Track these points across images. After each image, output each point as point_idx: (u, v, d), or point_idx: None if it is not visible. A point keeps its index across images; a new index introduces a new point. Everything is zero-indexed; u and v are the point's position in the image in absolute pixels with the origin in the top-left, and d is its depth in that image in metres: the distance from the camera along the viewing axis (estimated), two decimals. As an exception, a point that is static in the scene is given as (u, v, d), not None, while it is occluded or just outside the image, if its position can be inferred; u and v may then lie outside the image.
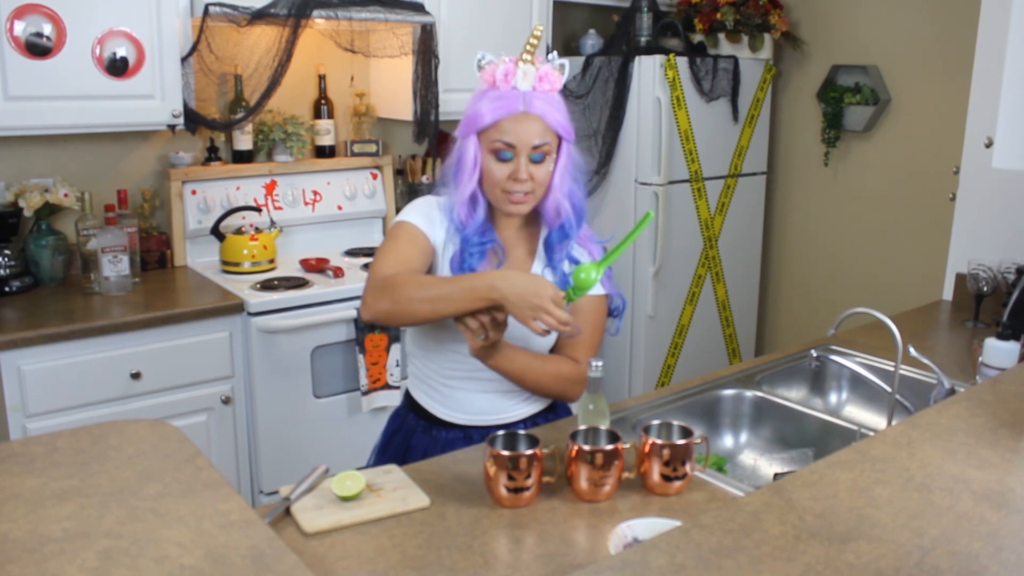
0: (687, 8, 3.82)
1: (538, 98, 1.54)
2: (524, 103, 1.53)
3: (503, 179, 1.56)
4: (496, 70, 1.54)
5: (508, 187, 1.56)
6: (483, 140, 1.56)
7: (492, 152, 1.55)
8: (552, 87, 1.56)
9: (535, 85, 1.54)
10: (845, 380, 2.18)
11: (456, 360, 1.65)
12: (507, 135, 1.53)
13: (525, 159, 1.54)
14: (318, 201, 3.19)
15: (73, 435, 1.25)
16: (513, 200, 1.58)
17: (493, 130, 1.54)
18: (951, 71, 3.29)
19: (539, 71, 1.54)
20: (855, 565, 0.97)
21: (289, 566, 0.96)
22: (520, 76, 1.53)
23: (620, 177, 3.48)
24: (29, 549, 0.96)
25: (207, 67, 2.76)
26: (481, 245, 1.60)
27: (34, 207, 2.57)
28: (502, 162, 1.55)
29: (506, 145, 1.54)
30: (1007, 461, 1.25)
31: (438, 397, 1.70)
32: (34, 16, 2.39)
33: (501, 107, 1.53)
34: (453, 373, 1.67)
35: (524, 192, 1.57)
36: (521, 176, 1.55)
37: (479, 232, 1.61)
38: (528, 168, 1.55)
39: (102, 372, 2.36)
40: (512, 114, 1.53)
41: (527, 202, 1.59)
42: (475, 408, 1.68)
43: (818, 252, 3.93)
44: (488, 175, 1.57)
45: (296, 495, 1.37)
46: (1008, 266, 2.39)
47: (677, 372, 3.69)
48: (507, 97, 1.53)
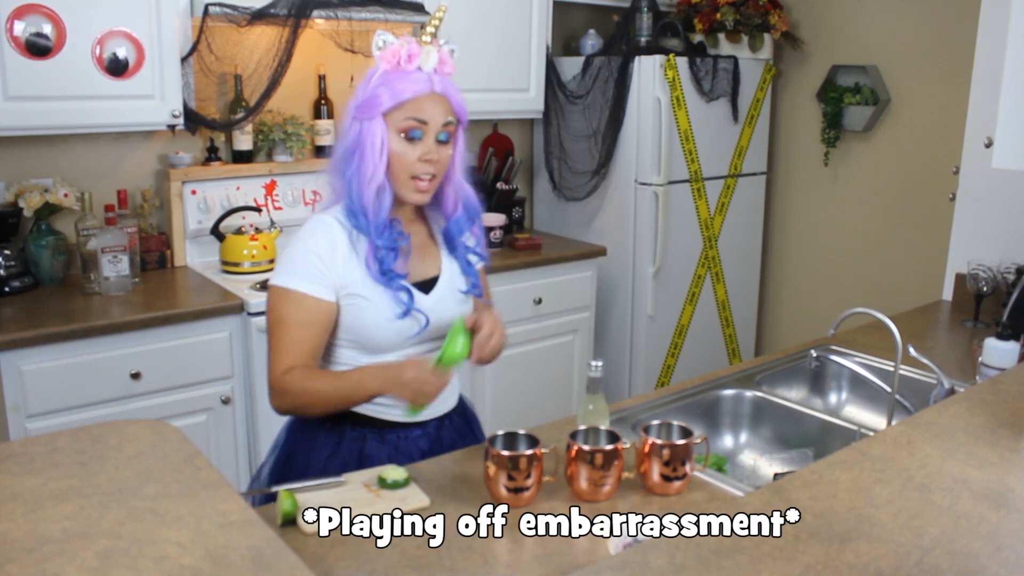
0: (687, 8, 3.82)
1: (445, 81, 1.54)
2: (431, 83, 1.51)
3: (413, 161, 1.51)
4: (400, 51, 1.50)
5: (417, 170, 1.52)
6: (391, 121, 1.51)
7: (402, 132, 1.51)
8: (451, 71, 1.56)
9: (436, 67, 1.53)
10: (845, 380, 2.18)
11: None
12: (420, 112, 1.50)
13: (433, 139, 1.52)
14: (318, 201, 3.19)
15: (73, 435, 1.25)
16: (419, 187, 1.54)
17: (404, 108, 1.50)
18: (951, 71, 3.29)
19: (440, 53, 1.53)
20: (855, 565, 0.97)
21: (289, 566, 0.96)
22: (424, 57, 1.51)
23: (620, 177, 3.48)
24: (28, 549, 0.96)
25: (207, 67, 2.77)
26: (392, 241, 1.55)
27: (34, 207, 2.57)
28: (411, 142, 1.51)
29: (418, 122, 1.50)
30: (1007, 461, 1.25)
31: (388, 402, 1.57)
32: (34, 16, 2.39)
33: (411, 86, 1.50)
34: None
35: (430, 176, 1.53)
36: (432, 156, 1.51)
37: (387, 227, 1.55)
38: (436, 149, 1.53)
39: (102, 372, 2.36)
40: (423, 93, 1.51)
41: (430, 189, 1.55)
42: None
43: (818, 252, 3.93)
44: (397, 158, 1.52)
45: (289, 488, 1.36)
46: (1008, 266, 2.39)
47: (677, 372, 3.69)
48: (415, 76, 1.50)
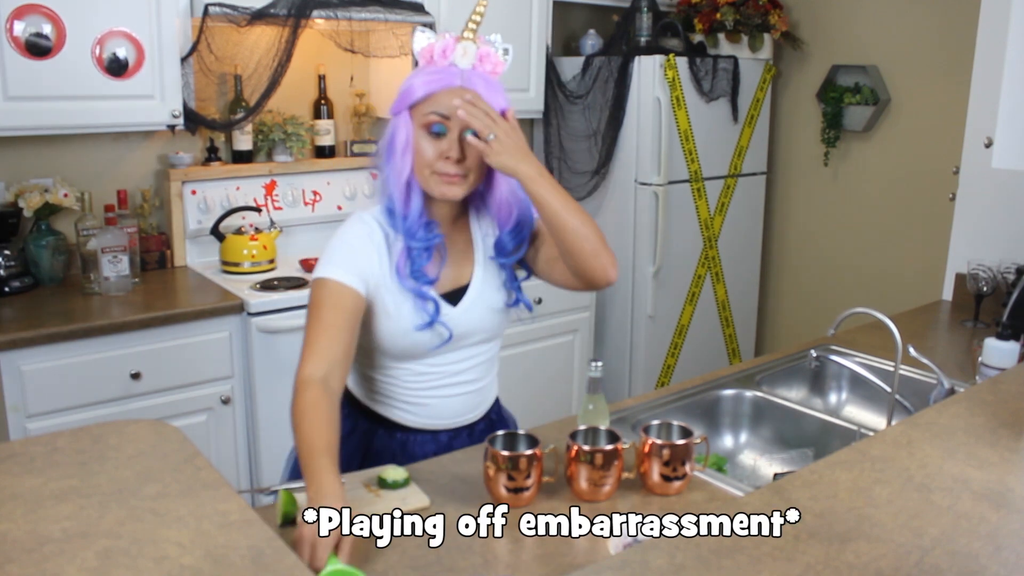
0: (687, 8, 3.82)
1: (477, 76, 1.44)
2: (461, 78, 1.43)
3: (434, 158, 1.44)
4: (434, 46, 1.45)
5: (439, 167, 1.44)
6: (415, 116, 1.46)
7: (424, 127, 1.44)
8: (494, 69, 1.47)
9: (475, 64, 1.45)
10: (845, 380, 2.18)
11: (422, 372, 1.55)
12: (441, 106, 1.42)
13: (459, 136, 1.43)
14: (318, 201, 3.19)
15: (73, 435, 1.25)
16: (446, 180, 1.45)
17: (426, 103, 1.44)
18: (951, 71, 3.29)
19: (480, 50, 1.45)
20: (855, 565, 0.97)
21: (289, 566, 0.96)
22: (459, 53, 1.44)
23: (620, 177, 3.48)
24: (28, 549, 0.96)
25: (207, 67, 2.76)
26: (427, 240, 1.48)
27: (34, 207, 2.57)
28: (435, 138, 1.44)
29: (439, 117, 1.43)
30: (1007, 461, 1.25)
31: (408, 408, 1.58)
32: (34, 16, 2.39)
33: (436, 80, 1.43)
34: (422, 385, 1.57)
35: (457, 174, 1.44)
36: (453, 154, 1.43)
37: (421, 225, 1.48)
38: (460, 145, 1.44)
39: (102, 372, 2.36)
40: (448, 87, 1.43)
41: (459, 184, 1.46)
42: (448, 413, 1.60)
43: (818, 252, 3.93)
44: (419, 154, 1.45)
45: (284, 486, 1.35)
46: (1008, 266, 2.39)
47: (677, 372, 3.69)
48: (443, 71, 1.44)
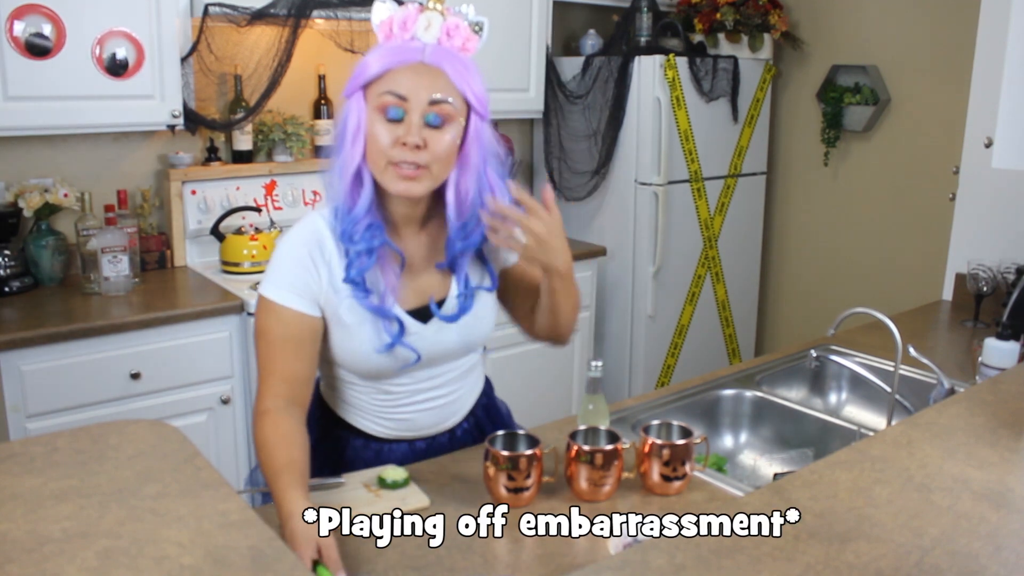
0: (687, 8, 3.82)
1: (444, 53, 1.26)
2: (423, 53, 1.25)
3: (389, 145, 1.24)
4: (394, 18, 1.26)
5: (394, 155, 1.24)
6: (369, 97, 1.26)
7: (379, 110, 1.25)
8: (464, 44, 1.28)
9: (440, 38, 1.26)
10: (845, 380, 2.18)
11: (389, 391, 1.46)
12: (398, 86, 1.23)
13: (419, 120, 1.24)
14: (318, 201, 3.19)
15: (73, 435, 1.25)
16: (401, 173, 1.25)
17: (381, 81, 1.24)
18: (951, 71, 3.29)
19: (447, 22, 1.26)
20: (855, 565, 0.97)
21: (289, 566, 0.96)
22: (422, 25, 1.25)
23: (620, 177, 3.48)
24: (28, 549, 0.96)
25: (207, 67, 2.77)
26: (368, 245, 1.29)
27: (34, 207, 2.57)
28: (391, 123, 1.24)
29: (396, 98, 1.23)
30: (1007, 461, 1.25)
31: (378, 421, 1.49)
32: (34, 16, 2.39)
33: (394, 55, 1.24)
34: (392, 403, 1.48)
35: (415, 164, 1.25)
36: (411, 140, 1.23)
37: (363, 226, 1.29)
38: (422, 132, 1.24)
39: (102, 372, 2.36)
40: (406, 63, 1.24)
41: (419, 178, 1.26)
42: (423, 424, 1.51)
43: (818, 252, 3.93)
44: (372, 141, 1.25)
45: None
46: (1008, 266, 2.39)
47: (677, 372, 3.69)
48: (403, 46, 1.25)
